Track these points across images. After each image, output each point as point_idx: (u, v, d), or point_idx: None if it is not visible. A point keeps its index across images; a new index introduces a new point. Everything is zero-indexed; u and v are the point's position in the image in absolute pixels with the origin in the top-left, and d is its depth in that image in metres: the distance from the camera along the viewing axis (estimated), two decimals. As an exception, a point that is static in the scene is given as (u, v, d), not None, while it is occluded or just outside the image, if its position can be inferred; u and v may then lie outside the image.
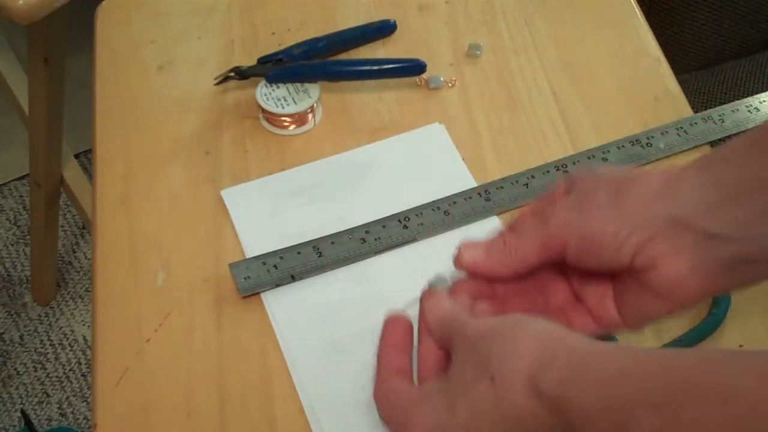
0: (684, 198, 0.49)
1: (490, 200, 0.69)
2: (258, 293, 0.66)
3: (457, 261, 0.55)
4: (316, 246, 0.67)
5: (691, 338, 0.63)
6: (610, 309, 0.54)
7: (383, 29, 0.81)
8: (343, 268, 0.67)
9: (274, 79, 0.75)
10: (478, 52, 0.79)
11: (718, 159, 0.50)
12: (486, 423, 0.47)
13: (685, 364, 0.41)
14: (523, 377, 0.45)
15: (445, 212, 0.69)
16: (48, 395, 1.53)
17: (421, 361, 0.54)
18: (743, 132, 0.50)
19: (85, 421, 1.50)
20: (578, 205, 0.51)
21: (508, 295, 0.56)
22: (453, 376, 0.50)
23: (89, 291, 1.61)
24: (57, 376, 1.55)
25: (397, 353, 0.55)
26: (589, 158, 0.71)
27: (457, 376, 0.49)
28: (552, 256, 0.52)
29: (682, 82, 0.78)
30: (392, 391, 0.53)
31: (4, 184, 1.75)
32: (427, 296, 0.55)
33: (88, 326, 1.59)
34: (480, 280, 0.56)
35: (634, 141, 0.72)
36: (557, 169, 0.71)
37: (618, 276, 0.53)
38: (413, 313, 0.57)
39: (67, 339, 1.58)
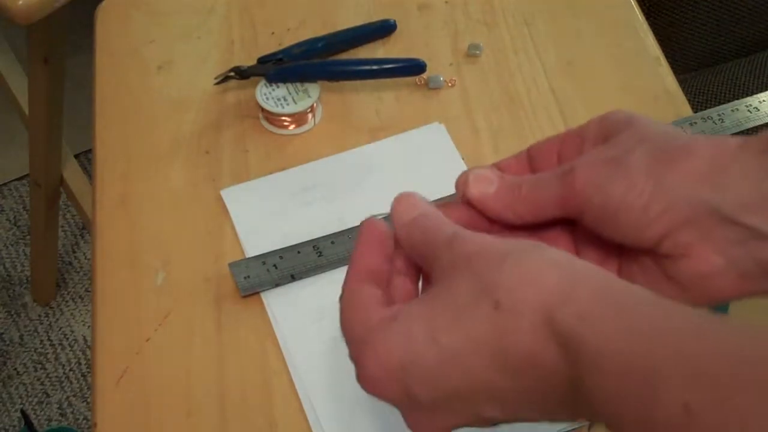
0: (734, 187, 0.41)
1: (489, 200, 0.69)
2: (258, 293, 0.66)
3: (463, 190, 0.47)
4: (316, 246, 0.67)
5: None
6: None
7: (383, 29, 0.81)
8: (343, 268, 0.67)
9: (274, 79, 0.75)
10: (478, 52, 0.79)
11: None
12: (474, 358, 0.39)
13: (741, 334, 0.33)
14: (537, 309, 0.37)
15: (444, 212, 0.69)
16: (48, 395, 1.53)
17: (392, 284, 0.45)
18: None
19: (85, 421, 1.50)
20: (610, 162, 0.43)
21: (504, 233, 0.48)
22: (439, 299, 0.41)
23: (89, 291, 1.60)
24: (57, 376, 1.55)
25: (373, 252, 0.45)
26: (588, 158, 0.71)
27: (445, 298, 0.40)
28: (568, 215, 0.45)
29: (681, 82, 0.78)
30: (358, 298, 0.44)
31: (4, 184, 1.75)
32: (398, 200, 0.46)
33: (88, 326, 1.59)
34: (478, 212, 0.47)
35: (634, 141, 0.72)
36: (557, 169, 0.71)
37: (633, 251, 0.45)
38: None
39: (67, 339, 1.58)
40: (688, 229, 0.42)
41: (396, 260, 0.46)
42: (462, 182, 0.47)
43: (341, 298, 0.45)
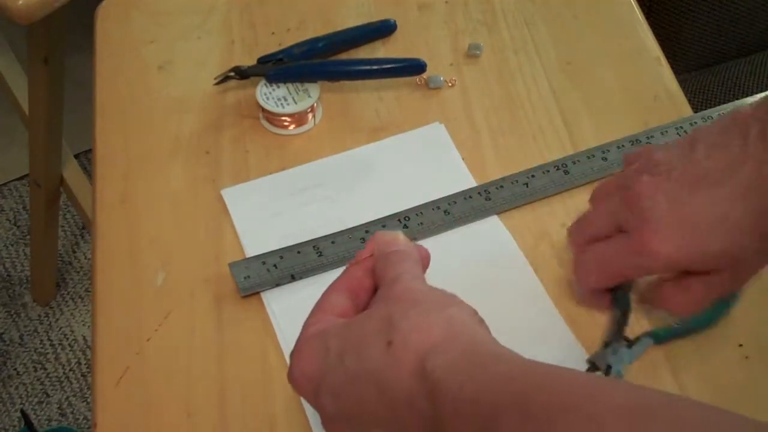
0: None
1: (490, 200, 0.69)
2: (258, 293, 0.66)
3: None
4: (316, 245, 0.67)
5: (694, 323, 0.62)
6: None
7: (383, 29, 0.81)
8: (343, 268, 0.67)
9: (274, 79, 0.75)
10: (478, 52, 0.79)
11: None
12: (366, 385, 0.46)
13: (570, 383, 0.41)
14: (417, 355, 0.44)
15: (445, 212, 0.69)
16: (48, 395, 1.53)
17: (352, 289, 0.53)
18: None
19: (85, 421, 1.50)
20: (635, 242, 0.51)
21: None
22: (358, 322, 0.48)
23: (89, 291, 1.60)
24: (57, 376, 1.55)
25: (360, 265, 0.53)
26: (588, 158, 0.71)
27: (359, 325, 0.48)
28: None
29: (681, 82, 0.78)
30: (321, 304, 0.52)
31: (4, 184, 1.75)
32: (381, 234, 0.54)
33: (88, 326, 1.59)
34: None
35: (634, 141, 0.72)
36: (557, 169, 0.71)
37: None
38: None
39: (67, 339, 1.58)
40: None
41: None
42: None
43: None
